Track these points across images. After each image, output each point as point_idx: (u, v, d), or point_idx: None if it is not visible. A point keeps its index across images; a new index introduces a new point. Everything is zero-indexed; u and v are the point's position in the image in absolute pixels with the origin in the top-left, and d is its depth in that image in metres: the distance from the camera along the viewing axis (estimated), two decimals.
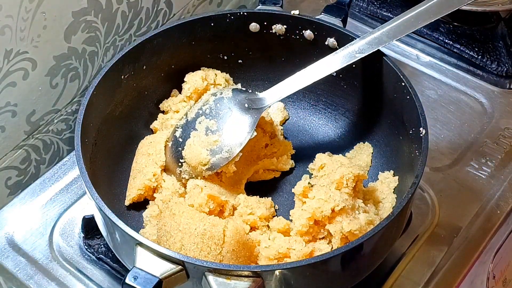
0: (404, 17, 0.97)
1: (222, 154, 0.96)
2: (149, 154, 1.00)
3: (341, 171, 0.92)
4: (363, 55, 0.96)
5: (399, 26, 0.96)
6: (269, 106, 1.00)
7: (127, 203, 0.99)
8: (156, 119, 1.07)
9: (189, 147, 0.98)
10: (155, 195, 0.99)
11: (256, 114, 0.98)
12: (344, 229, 0.88)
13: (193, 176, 0.98)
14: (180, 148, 0.99)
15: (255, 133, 0.97)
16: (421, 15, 0.96)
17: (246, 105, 0.99)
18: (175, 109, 1.06)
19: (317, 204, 0.90)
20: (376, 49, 0.96)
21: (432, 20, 0.96)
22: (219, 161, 0.96)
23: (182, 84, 1.07)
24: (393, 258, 0.97)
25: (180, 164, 0.99)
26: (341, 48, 0.98)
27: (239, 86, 1.12)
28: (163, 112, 1.08)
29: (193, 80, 1.06)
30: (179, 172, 0.99)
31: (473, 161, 1.09)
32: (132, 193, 0.99)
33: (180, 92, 1.08)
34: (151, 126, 1.07)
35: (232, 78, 1.11)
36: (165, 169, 1.00)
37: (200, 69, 1.08)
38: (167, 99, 1.08)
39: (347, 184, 0.92)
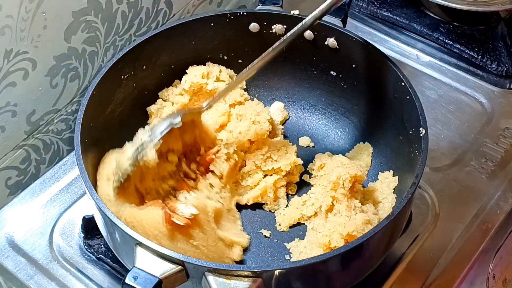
0: None
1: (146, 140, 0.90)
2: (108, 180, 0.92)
3: (338, 171, 0.92)
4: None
5: None
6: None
7: None
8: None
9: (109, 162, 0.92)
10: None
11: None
12: (341, 232, 0.89)
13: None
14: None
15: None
16: None
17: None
18: (171, 100, 1.06)
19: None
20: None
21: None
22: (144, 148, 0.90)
23: (184, 76, 1.07)
24: (393, 258, 0.97)
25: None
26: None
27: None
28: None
29: (193, 74, 1.06)
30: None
31: (473, 161, 1.09)
32: None
33: None
34: (147, 109, 1.06)
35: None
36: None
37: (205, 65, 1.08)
38: (167, 87, 1.07)
39: (343, 184, 0.92)
